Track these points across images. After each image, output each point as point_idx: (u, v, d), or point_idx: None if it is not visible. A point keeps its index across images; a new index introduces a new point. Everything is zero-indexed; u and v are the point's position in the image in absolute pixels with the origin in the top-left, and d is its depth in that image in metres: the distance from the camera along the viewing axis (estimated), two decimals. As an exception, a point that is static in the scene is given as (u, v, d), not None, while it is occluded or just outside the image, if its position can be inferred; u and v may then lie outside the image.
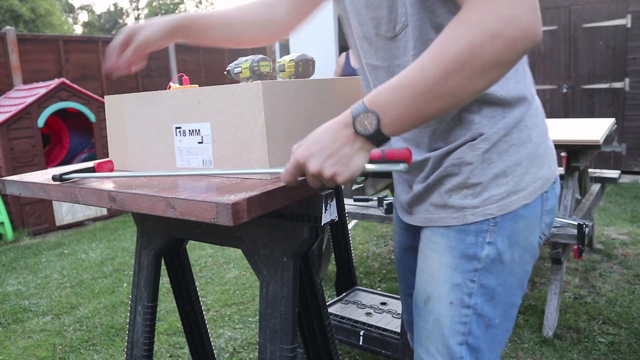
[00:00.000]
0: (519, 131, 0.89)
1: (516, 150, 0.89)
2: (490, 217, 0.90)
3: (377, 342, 1.89)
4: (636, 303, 2.48)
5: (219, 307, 2.76)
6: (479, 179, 0.89)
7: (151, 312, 1.33)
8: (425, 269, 0.98)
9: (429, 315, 0.97)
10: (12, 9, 14.31)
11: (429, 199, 0.96)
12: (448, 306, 0.94)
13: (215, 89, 1.01)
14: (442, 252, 0.94)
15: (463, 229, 0.91)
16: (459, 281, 0.92)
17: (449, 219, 0.93)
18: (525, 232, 0.92)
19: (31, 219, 4.58)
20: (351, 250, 2.28)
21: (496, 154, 0.88)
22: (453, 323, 0.94)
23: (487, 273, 0.92)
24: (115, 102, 1.23)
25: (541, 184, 0.93)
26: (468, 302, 0.92)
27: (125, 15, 25.97)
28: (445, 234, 0.93)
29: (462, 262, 0.92)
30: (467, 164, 0.89)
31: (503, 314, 0.95)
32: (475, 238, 0.91)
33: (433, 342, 0.97)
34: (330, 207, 0.97)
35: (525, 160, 0.90)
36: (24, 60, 5.45)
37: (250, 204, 0.83)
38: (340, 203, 2.02)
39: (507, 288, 0.94)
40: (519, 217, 0.91)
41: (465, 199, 0.90)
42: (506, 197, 0.89)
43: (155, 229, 1.31)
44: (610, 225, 3.71)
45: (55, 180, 1.10)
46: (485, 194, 0.89)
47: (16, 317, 2.82)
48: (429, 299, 0.97)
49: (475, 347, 0.94)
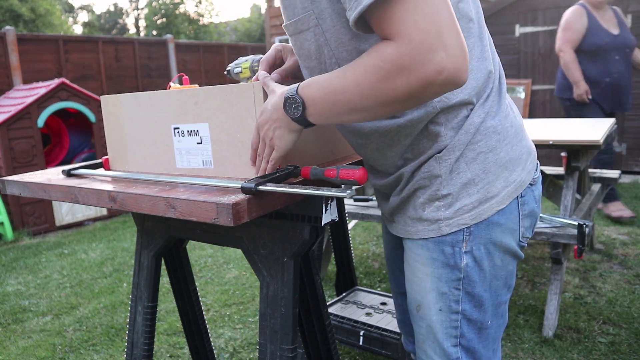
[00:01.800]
0: (486, 137, 0.90)
1: (485, 157, 0.90)
2: (465, 227, 0.91)
3: (377, 342, 1.89)
4: (636, 303, 2.48)
5: (219, 307, 2.76)
6: (448, 190, 0.90)
7: (151, 312, 1.33)
8: (412, 279, 1.00)
9: (422, 322, 1.00)
10: (12, 9, 14.30)
11: (406, 211, 0.98)
12: (438, 313, 0.96)
13: (212, 90, 1.01)
14: (425, 264, 0.96)
15: (440, 240, 0.93)
16: (444, 290, 0.95)
17: (425, 232, 0.94)
18: (502, 237, 0.93)
19: (31, 219, 4.57)
20: (351, 250, 2.28)
21: (464, 163, 0.89)
22: (444, 328, 0.96)
23: (470, 282, 0.93)
24: (112, 102, 1.22)
25: (515, 187, 0.92)
26: (456, 308, 0.95)
27: (125, 15, 25.96)
28: (425, 245, 0.95)
29: (445, 272, 0.94)
30: (436, 176, 0.90)
31: (493, 315, 0.98)
32: (452, 249, 0.92)
33: (430, 345, 1.00)
34: (331, 207, 0.97)
35: (494, 167, 0.90)
36: (24, 60, 5.45)
37: (250, 204, 0.82)
38: (341, 203, 2.02)
39: (493, 291, 0.96)
40: (494, 224, 0.91)
41: (438, 211, 0.92)
42: (478, 206, 0.90)
43: (155, 229, 1.31)
44: (610, 225, 3.71)
45: (65, 174, 1.11)
46: (457, 204, 0.90)
47: (16, 317, 2.82)
48: (419, 306, 0.99)
49: (470, 348, 0.97)
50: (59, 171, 1.27)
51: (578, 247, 2.10)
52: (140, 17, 24.59)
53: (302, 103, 0.82)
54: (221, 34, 20.23)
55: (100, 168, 1.27)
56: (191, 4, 22.56)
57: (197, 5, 20.03)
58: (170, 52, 6.98)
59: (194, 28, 19.19)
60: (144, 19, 21.82)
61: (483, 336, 0.98)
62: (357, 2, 0.71)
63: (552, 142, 2.21)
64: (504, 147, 0.91)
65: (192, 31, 19.04)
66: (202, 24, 19.50)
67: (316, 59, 0.90)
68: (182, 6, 19.09)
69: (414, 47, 0.68)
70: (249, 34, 19.36)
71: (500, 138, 0.91)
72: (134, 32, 25.17)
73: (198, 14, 19.77)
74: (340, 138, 1.16)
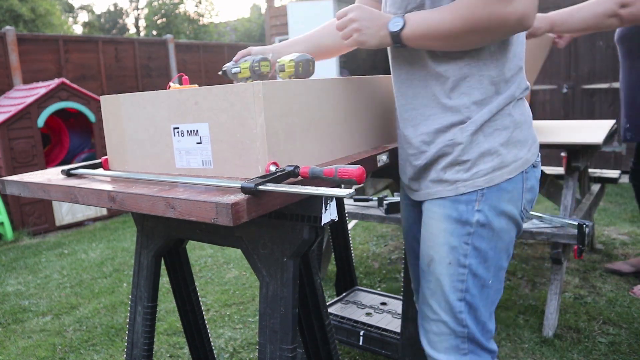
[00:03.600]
0: (502, 118, 1.07)
1: (499, 134, 1.07)
2: (479, 189, 1.07)
3: (377, 342, 1.89)
4: (636, 303, 2.48)
5: (219, 307, 2.76)
6: (468, 157, 1.07)
7: (151, 312, 1.33)
8: (427, 235, 1.15)
9: (431, 276, 1.13)
10: (12, 9, 14.29)
11: (427, 176, 1.14)
12: (447, 266, 1.10)
13: (212, 90, 1.01)
14: (440, 220, 1.11)
15: (456, 199, 1.09)
16: (455, 244, 1.09)
17: (444, 192, 1.10)
18: (508, 204, 1.09)
19: (31, 219, 4.57)
20: (351, 250, 2.28)
21: (482, 136, 1.07)
22: (452, 281, 1.10)
23: (478, 237, 1.08)
24: (112, 102, 1.22)
25: (521, 163, 1.10)
26: (464, 262, 1.09)
27: (125, 15, 25.94)
28: (442, 203, 1.11)
29: (457, 227, 1.09)
30: (458, 144, 1.07)
31: (494, 275, 1.12)
32: (466, 206, 1.08)
33: (436, 299, 1.13)
34: (330, 207, 0.97)
35: (506, 142, 1.08)
36: (24, 60, 5.45)
37: (250, 204, 0.82)
38: (340, 203, 2.02)
39: (497, 252, 1.11)
40: (502, 191, 1.08)
41: (458, 173, 1.08)
42: (492, 172, 1.07)
43: (155, 229, 1.31)
44: (610, 225, 3.71)
45: (64, 174, 1.11)
46: (474, 169, 1.07)
47: (16, 317, 2.82)
48: (431, 261, 1.13)
49: (473, 305, 1.10)
50: (58, 171, 1.27)
51: (578, 247, 2.10)
52: (140, 17, 24.57)
53: (404, 23, 1.02)
54: (221, 34, 20.23)
55: (100, 168, 1.27)
56: (191, 4, 22.54)
57: (197, 5, 20.03)
58: (170, 52, 6.98)
59: (194, 28, 19.19)
60: (144, 19, 21.82)
61: (484, 295, 1.11)
62: None
63: (552, 142, 2.21)
64: (515, 129, 1.09)
65: (192, 31, 19.04)
66: (202, 24, 19.50)
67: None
68: (182, 6, 19.09)
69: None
70: (249, 34, 19.37)
71: (514, 121, 1.09)
72: (134, 32, 25.15)
73: (198, 14, 19.77)
74: (339, 138, 1.16)
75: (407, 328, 1.70)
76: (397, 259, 3.34)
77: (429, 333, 1.16)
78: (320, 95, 1.10)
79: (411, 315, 1.63)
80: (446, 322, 1.12)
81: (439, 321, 1.13)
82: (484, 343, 1.13)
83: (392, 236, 3.85)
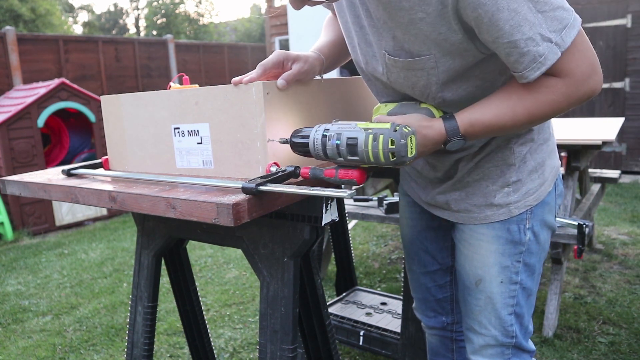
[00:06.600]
0: (543, 131, 1.08)
1: (542, 148, 1.08)
2: (530, 208, 1.07)
3: (377, 342, 1.89)
4: (636, 303, 2.48)
5: (219, 307, 2.76)
6: (518, 177, 1.06)
7: (151, 312, 1.33)
8: (474, 256, 1.13)
9: (480, 294, 1.13)
10: (12, 9, 14.28)
11: (469, 199, 1.10)
12: (499, 285, 1.10)
13: (213, 90, 1.01)
14: (490, 241, 1.09)
15: (507, 220, 1.07)
16: (507, 264, 1.09)
17: (495, 216, 1.08)
18: (549, 214, 1.10)
19: (31, 219, 4.57)
20: (351, 250, 2.28)
21: (529, 153, 1.06)
22: (504, 298, 1.11)
23: (529, 253, 1.09)
24: (112, 102, 1.22)
25: (555, 172, 1.11)
26: (515, 279, 1.10)
27: (125, 15, 25.94)
28: (490, 225, 1.09)
29: (508, 248, 1.08)
30: (510, 165, 1.05)
31: (536, 283, 1.14)
32: (518, 226, 1.07)
33: (485, 316, 1.13)
34: (331, 207, 0.97)
35: (546, 155, 1.08)
36: (24, 60, 5.45)
37: (251, 204, 0.82)
38: (341, 203, 2.02)
39: (540, 261, 1.13)
40: (545, 203, 1.09)
41: (508, 196, 1.06)
42: (539, 189, 1.07)
43: (155, 229, 1.31)
44: (610, 225, 3.71)
45: (65, 174, 1.11)
46: (524, 188, 1.06)
47: (16, 317, 2.82)
48: (480, 280, 1.12)
49: (520, 314, 1.13)
50: (59, 171, 1.27)
51: (578, 247, 2.10)
52: (140, 17, 24.57)
53: (464, 141, 0.93)
54: (221, 34, 20.23)
55: (100, 168, 1.27)
56: (191, 4, 22.55)
57: (197, 5, 20.03)
58: (170, 52, 6.98)
59: (194, 28, 19.19)
60: (144, 19, 21.82)
61: (529, 302, 1.14)
62: (540, 64, 0.84)
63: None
64: (550, 139, 1.10)
65: (192, 31, 19.03)
66: (202, 24, 19.50)
67: (419, 90, 0.97)
68: (182, 6, 19.09)
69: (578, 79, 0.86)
70: (249, 34, 19.37)
71: (549, 131, 1.10)
72: (134, 32, 25.15)
73: (198, 14, 19.77)
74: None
75: (407, 328, 1.70)
76: (397, 259, 3.34)
77: (475, 344, 1.17)
78: (321, 96, 1.10)
79: (411, 315, 1.63)
80: (495, 336, 1.13)
81: (488, 336, 1.14)
82: (525, 345, 1.16)
83: (392, 236, 3.84)
